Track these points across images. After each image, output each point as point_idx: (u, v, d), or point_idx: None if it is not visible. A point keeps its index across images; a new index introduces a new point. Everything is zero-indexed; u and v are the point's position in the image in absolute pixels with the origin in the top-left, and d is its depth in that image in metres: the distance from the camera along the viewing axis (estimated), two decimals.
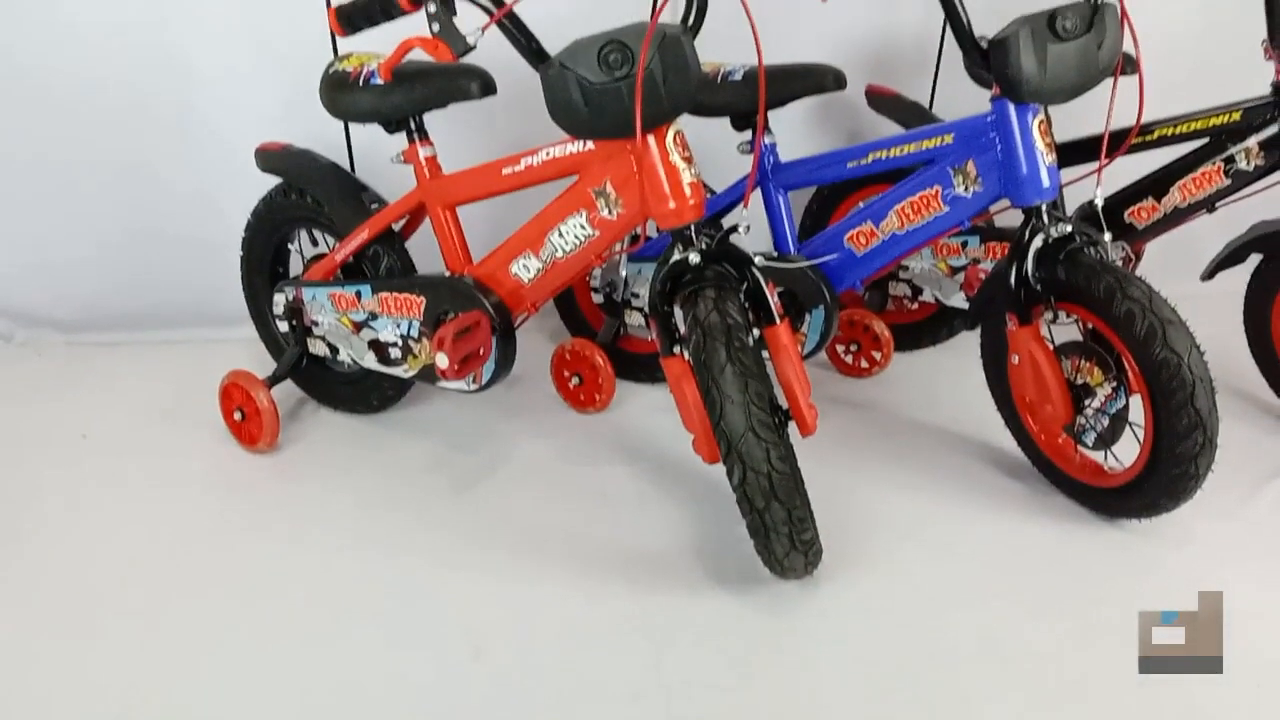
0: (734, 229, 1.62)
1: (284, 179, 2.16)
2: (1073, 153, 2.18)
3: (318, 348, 2.15)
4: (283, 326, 2.18)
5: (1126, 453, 1.78)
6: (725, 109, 2.10)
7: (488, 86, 1.80)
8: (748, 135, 2.12)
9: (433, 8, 1.50)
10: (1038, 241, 1.76)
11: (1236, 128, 2.09)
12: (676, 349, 1.60)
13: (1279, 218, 2.05)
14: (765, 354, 1.62)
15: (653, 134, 1.56)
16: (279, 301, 2.16)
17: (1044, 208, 1.77)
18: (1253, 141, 2.08)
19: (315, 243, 2.23)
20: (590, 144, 1.68)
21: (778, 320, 1.61)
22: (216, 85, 2.47)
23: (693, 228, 1.60)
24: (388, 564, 1.76)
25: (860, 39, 2.68)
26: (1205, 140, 2.14)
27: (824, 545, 1.63)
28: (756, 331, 1.62)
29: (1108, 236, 1.77)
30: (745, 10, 1.47)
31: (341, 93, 1.90)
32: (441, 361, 1.78)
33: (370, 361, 2.05)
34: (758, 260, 1.63)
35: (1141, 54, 2.25)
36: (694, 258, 1.58)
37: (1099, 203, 1.79)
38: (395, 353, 1.99)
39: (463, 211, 1.96)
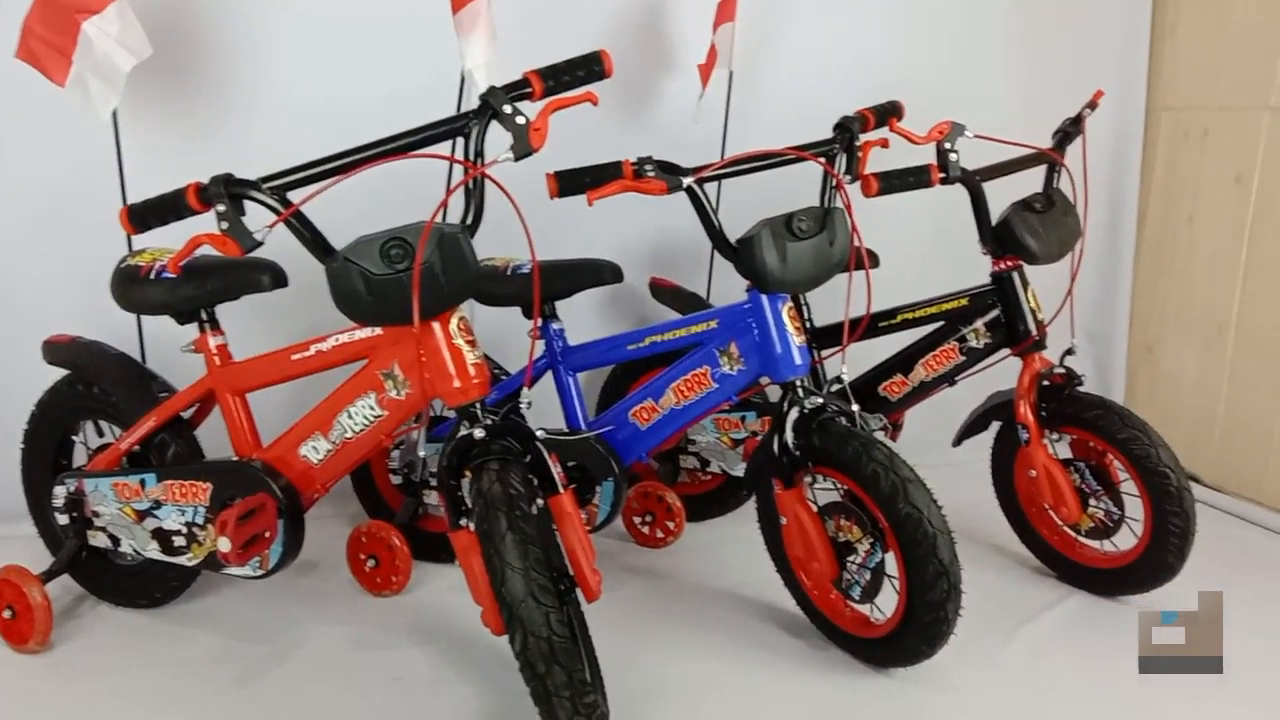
0: (516, 405, 1.73)
1: (72, 371, 2.15)
2: (828, 336, 2.44)
3: (99, 539, 2.08)
4: (62, 519, 2.11)
5: (889, 604, 1.93)
6: (515, 299, 2.26)
7: (279, 279, 1.89)
8: (536, 322, 2.27)
9: (222, 207, 1.60)
10: (794, 413, 1.95)
11: (965, 311, 2.39)
12: (464, 522, 1.67)
13: (1011, 388, 2.33)
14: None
15: (437, 320, 1.67)
16: (59, 493, 2.09)
17: (798, 383, 1.97)
18: (980, 323, 2.37)
19: (101, 434, 2.20)
20: (379, 330, 1.77)
21: (561, 490, 1.71)
22: (5, 282, 2.45)
23: (478, 405, 1.70)
24: None
25: (646, 237, 2.94)
26: (941, 323, 2.44)
27: (613, 712, 1.67)
28: (541, 501, 1.71)
29: (855, 407, 1.98)
30: (518, 213, 1.62)
31: (132, 286, 1.94)
32: (223, 545, 1.77)
33: (153, 551, 2.00)
34: (539, 434, 1.73)
35: (881, 250, 2.60)
36: (479, 433, 1.67)
37: (845, 379, 2.03)
38: (179, 541, 1.96)
39: (262, 395, 2.00)
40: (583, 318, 2.83)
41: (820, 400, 1.95)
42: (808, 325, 2.52)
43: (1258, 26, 2.90)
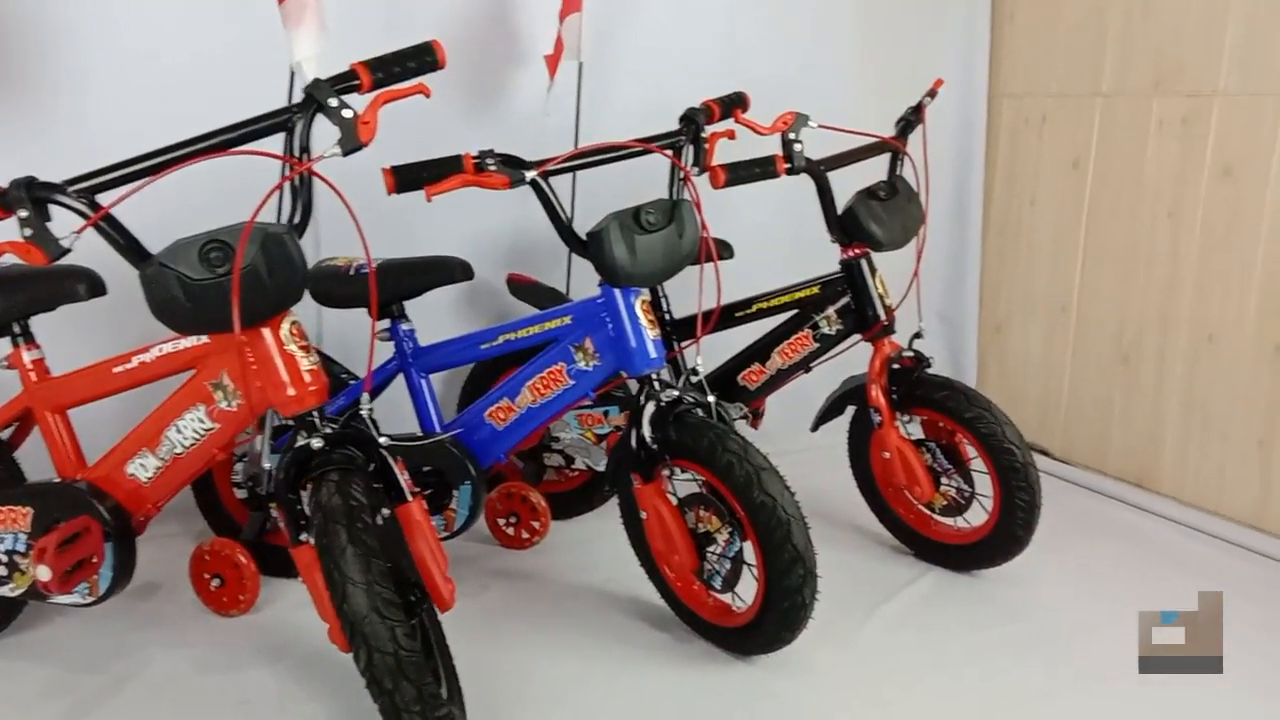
0: (357, 410, 1.66)
1: None
2: (686, 327, 2.44)
3: None
4: None
5: (750, 593, 1.94)
6: (359, 300, 2.18)
7: (96, 287, 1.78)
8: (385, 323, 2.21)
9: (24, 213, 1.48)
10: (650, 407, 1.94)
11: (817, 299, 2.43)
12: (304, 536, 1.60)
13: (864, 372, 2.37)
14: None
15: (266, 326, 1.60)
16: None
17: (654, 376, 1.96)
18: (831, 310, 2.41)
19: None
20: (205, 338, 1.68)
21: (409, 498, 1.65)
22: None
23: (315, 413, 1.63)
24: None
25: (505, 232, 2.89)
26: (795, 311, 2.47)
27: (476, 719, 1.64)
28: (388, 510, 1.65)
29: (711, 398, 1.98)
30: (349, 211, 1.56)
31: None
32: (43, 574, 1.66)
33: None
34: (383, 440, 1.67)
35: (736, 241, 2.62)
36: (316, 443, 1.61)
37: (700, 370, 2.03)
38: (0, 571, 1.83)
39: (91, 411, 1.89)
40: (440, 317, 2.76)
41: (676, 393, 1.94)
42: (666, 317, 2.52)
43: (1088, 16, 3.03)
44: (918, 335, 2.33)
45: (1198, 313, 2.77)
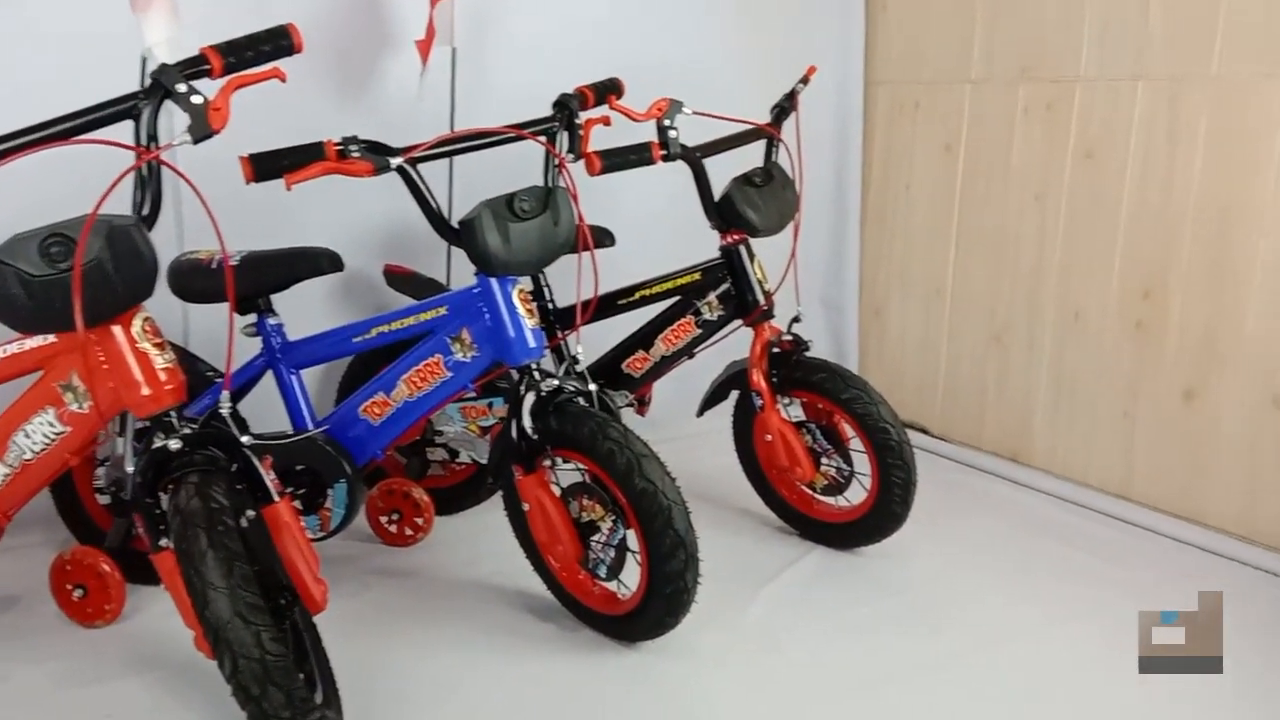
0: (217, 409, 1.60)
1: None
2: (570, 316, 2.42)
3: None
4: None
5: (635, 580, 1.94)
6: (221, 294, 2.10)
7: None
8: (251, 318, 2.13)
9: None
10: (530, 397, 1.92)
11: (699, 285, 2.44)
12: (164, 542, 1.54)
13: (746, 357, 2.39)
14: None
15: (117, 323, 1.52)
16: None
17: (533, 366, 1.94)
18: (712, 296, 2.43)
19: None
20: (52, 337, 1.60)
21: (275, 499, 1.60)
22: None
23: (173, 413, 1.57)
24: None
25: (384, 221, 2.82)
26: (678, 298, 2.48)
27: None
28: (254, 512, 1.60)
29: (593, 386, 1.97)
30: (201, 201, 1.50)
31: None
32: None
33: None
34: (246, 440, 1.61)
35: (620, 229, 2.62)
36: (174, 444, 1.55)
37: (580, 359, 2.02)
38: None
39: None
40: (315, 311, 2.68)
41: (556, 383, 1.93)
42: (550, 306, 2.50)
43: (958, 5, 3.11)
44: (796, 319, 2.37)
45: (1064, 292, 2.88)
